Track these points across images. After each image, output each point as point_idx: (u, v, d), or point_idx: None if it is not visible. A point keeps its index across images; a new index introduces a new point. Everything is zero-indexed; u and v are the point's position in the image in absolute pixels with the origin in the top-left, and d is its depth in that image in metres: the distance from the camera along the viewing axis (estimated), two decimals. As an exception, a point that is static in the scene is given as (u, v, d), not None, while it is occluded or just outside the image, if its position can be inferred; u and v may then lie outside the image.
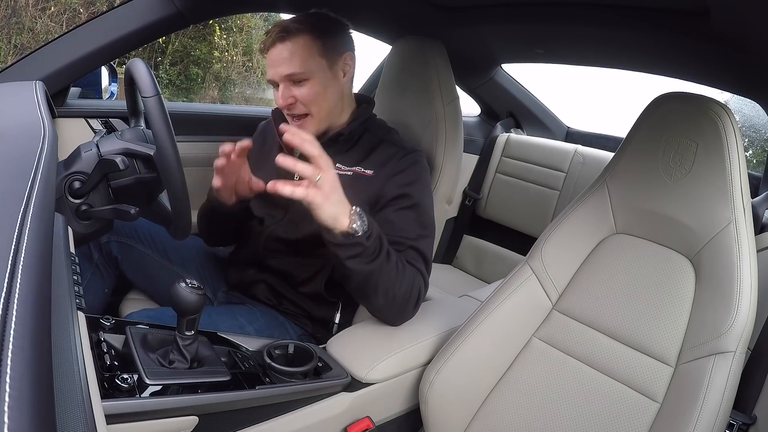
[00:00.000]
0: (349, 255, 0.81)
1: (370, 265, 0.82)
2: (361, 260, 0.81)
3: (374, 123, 1.11)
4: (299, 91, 0.98)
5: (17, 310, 0.29)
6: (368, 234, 0.80)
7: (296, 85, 0.98)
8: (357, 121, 1.06)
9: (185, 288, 0.67)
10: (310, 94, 0.98)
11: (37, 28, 5.27)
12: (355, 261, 0.81)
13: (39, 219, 0.42)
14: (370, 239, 0.81)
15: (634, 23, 1.03)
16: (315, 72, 0.97)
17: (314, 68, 0.97)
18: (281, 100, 0.99)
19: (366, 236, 0.80)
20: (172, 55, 6.62)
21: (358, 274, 0.83)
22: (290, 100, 0.98)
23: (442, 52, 1.31)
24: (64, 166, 0.89)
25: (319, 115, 1.01)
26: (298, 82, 0.98)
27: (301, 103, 0.99)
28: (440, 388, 0.90)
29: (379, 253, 0.83)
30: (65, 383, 0.39)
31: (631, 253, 0.91)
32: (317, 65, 0.98)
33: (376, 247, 0.83)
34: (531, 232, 1.79)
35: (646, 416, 0.80)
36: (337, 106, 1.04)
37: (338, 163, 1.03)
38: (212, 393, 0.70)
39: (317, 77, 0.98)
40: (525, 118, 2.01)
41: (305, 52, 0.96)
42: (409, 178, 0.99)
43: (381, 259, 0.83)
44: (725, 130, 0.82)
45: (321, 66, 0.98)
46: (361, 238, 0.79)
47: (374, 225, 0.83)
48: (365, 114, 1.09)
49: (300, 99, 0.98)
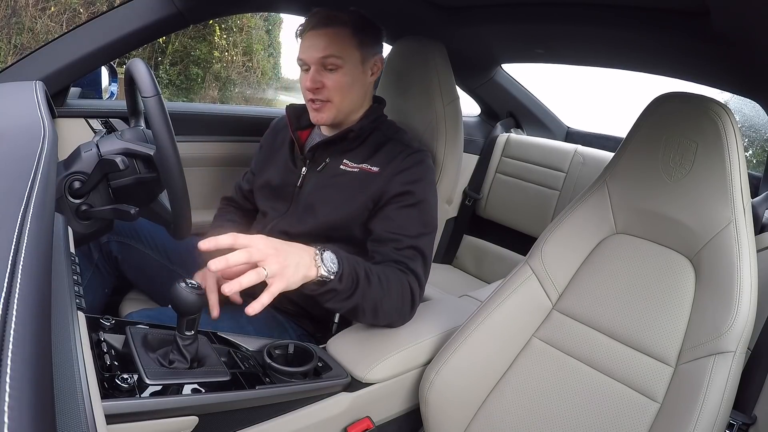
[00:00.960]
0: (326, 299, 0.80)
1: (349, 301, 0.82)
2: (338, 299, 0.81)
3: (384, 122, 1.13)
4: (329, 77, 1.00)
5: (17, 310, 0.29)
6: (339, 275, 0.77)
7: (327, 71, 1.00)
8: (368, 119, 1.08)
9: (185, 288, 0.67)
10: (338, 83, 1.00)
11: (37, 28, 5.27)
12: (333, 302, 0.81)
13: (39, 219, 0.42)
14: (342, 280, 0.78)
15: (634, 23, 1.03)
16: (348, 62, 1.00)
17: (348, 58, 1.00)
18: (309, 82, 1.00)
19: (338, 278, 0.77)
20: (172, 55, 6.63)
21: (342, 309, 0.84)
22: (318, 84, 1.00)
23: (442, 52, 1.31)
24: (64, 166, 0.89)
25: (340, 105, 1.03)
26: (330, 69, 1.00)
27: (327, 89, 1.00)
28: (440, 388, 0.90)
29: (355, 287, 0.81)
30: (65, 383, 0.39)
31: (631, 253, 0.91)
32: (351, 56, 1.00)
33: (351, 283, 0.80)
34: (531, 232, 1.79)
35: (646, 416, 0.80)
36: (357, 101, 1.06)
37: (346, 159, 1.05)
38: (212, 393, 0.70)
39: (348, 68, 1.00)
40: (525, 118, 2.01)
41: (345, 41, 0.99)
42: (412, 177, 1.00)
43: (360, 291, 0.82)
44: (725, 130, 0.82)
45: (355, 58, 1.01)
46: (333, 283, 0.77)
47: (344, 261, 0.80)
48: (376, 112, 1.11)
49: (327, 85, 1.00)
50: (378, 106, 1.12)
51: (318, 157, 1.07)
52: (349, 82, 1.01)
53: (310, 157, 1.08)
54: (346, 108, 1.04)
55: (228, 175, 1.57)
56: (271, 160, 1.16)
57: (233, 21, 6.92)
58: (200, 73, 6.81)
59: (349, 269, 0.80)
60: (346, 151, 1.06)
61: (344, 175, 1.04)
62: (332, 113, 1.03)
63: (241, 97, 7.36)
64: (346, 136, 1.05)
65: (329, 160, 1.06)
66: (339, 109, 1.03)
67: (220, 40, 6.94)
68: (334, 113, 1.03)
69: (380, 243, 0.95)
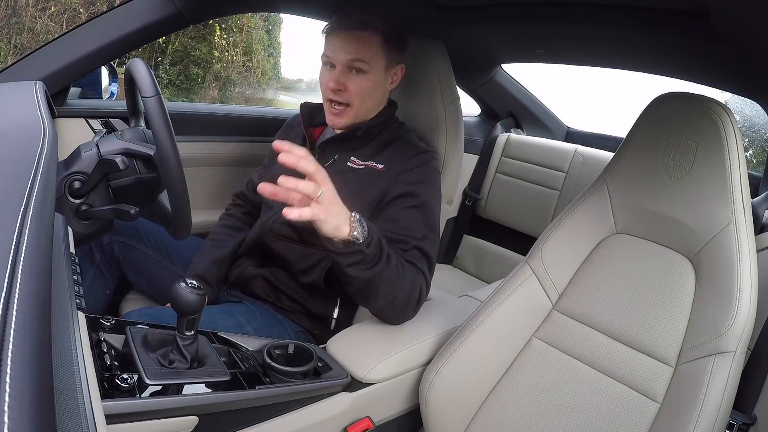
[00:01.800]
0: (350, 262, 0.81)
1: (370, 271, 0.83)
2: (361, 267, 0.81)
3: (394, 122, 1.14)
4: (353, 80, 1.01)
5: (17, 310, 0.29)
6: (368, 241, 0.80)
7: (352, 74, 1.01)
8: (378, 119, 1.09)
9: (185, 288, 0.67)
10: (362, 87, 1.01)
11: (37, 28, 5.28)
12: (355, 268, 0.82)
13: (39, 219, 0.42)
14: (371, 246, 0.80)
15: (634, 23, 1.03)
16: (374, 68, 1.01)
17: (375, 64, 1.01)
18: (332, 83, 1.00)
19: (366, 243, 0.79)
20: (172, 55, 6.63)
21: (359, 279, 0.84)
22: (341, 86, 1.01)
23: (442, 52, 1.31)
24: (64, 166, 0.89)
25: (359, 109, 1.04)
26: (356, 72, 1.00)
27: (349, 92, 1.01)
28: (440, 388, 0.90)
29: (379, 258, 0.83)
30: (65, 383, 0.39)
31: (631, 253, 0.91)
32: (378, 63, 1.02)
33: (377, 252, 0.82)
34: (531, 232, 1.79)
35: (646, 416, 0.80)
36: (375, 107, 1.08)
37: (354, 156, 1.06)
38: (212, 393, 0.70)
39: (373, 74, 1.01)
40: (525, 118, 2.01)
41: (375, 47, 1.00)
42: (416, 177, 1.00)
43: (381, 264, 0.83)
44: (725, 130, 0.82)
45: (381, 65, 1.02)
46: (361, 245, 0.79)
47: (374, 231, 0.82)
48: (388, 114, 1.12)
49: (350, 88, 1.01)
50: (390, 108, 1.14)
51: (327, 153, 1.08)
52: (371, 87, 1.02)
53: (320, 153, 1.09)
54: (364, 112, 1.06)
55: (228, 175, 1.57)
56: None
57: (233, 21, 6.93)
58: (200, 73, 6.81)
59: (377, 240, 0.82)
60: (354, 148, 1.07)
61: (351, 171, 1.04)
62: (351, 118, 1.04)
63: (241, 97, 7.36)
64: (354, 134, 1.06)
65: (338, 156, 1.07)
66: (357, 113, 1.04)
67: (220, 40, 6.94)
68: (352, 118, 1.05)
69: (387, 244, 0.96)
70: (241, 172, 1.55)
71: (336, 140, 1.08)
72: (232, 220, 1.24)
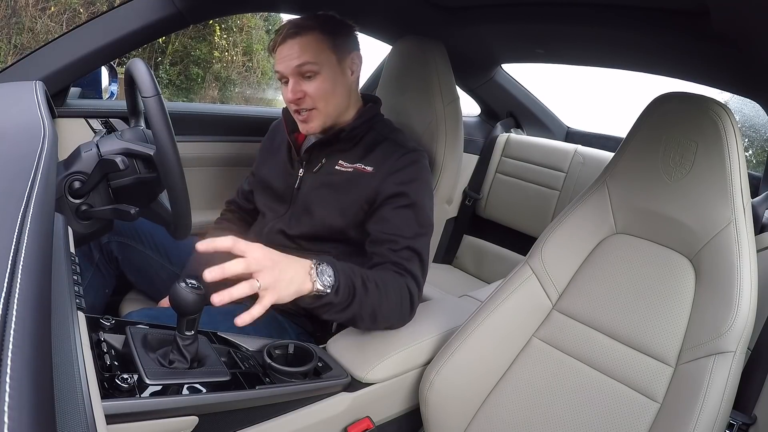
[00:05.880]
0: (324, 312, 0.79)
1: (346, 312, 0.81)
2: (336, 310, 0.80)
3: (380, 122, 1.12)
4: (309, 85, 0.99)
5: (17, 310, 0.29)
6: (336, 288, 0.76)
7: (306, 80, 0.99)
8: (361, 119, 1.07)
9: (185, 288, 0.67)
10: (319, 89, 0.99)
11: (37, 28, 5.28)
12: (331, 314, 0.81)
13: (39, 219, 0.42)
14: (339, 292, 0.77)
15: (634, 23, 1.03)
16: (325, 66, 0.99)
17: (324, 62, 0.99)
18: (290, 94, 0.99)
19: (334, 291, 0.76)
20: (172, 55, 6.63)
21: (340, 318, 0.84)
22: (299, 94, 0.99)
23: (442, 52, 1.31)
24: (64, 166, 0.89)
25: (326, 110, 1.02)
26: (308, 77, 0.99)
27: (309, 97, 1.00)
28: (440, 388, 0.90)
29: (352, 298, 0.80)
30: (65, 383, 0.39)
31: (631, 253, 0.91)
32: (327, 60, 0.99)
33: (348, 294, 0.79)
34: (531, 232, 1.79)
35: (646, 416, 0.80)
36: (343, 103, 1.05)
37: (341, 159, 1.04)
38: (212, 393, 0.70)
39: (326, 72, 0.99)
40: (525, 118, 2.01)
41: (316, 47, 0.98)
42: (406, 177, 0.99)
43: (357, 300, 0.81)
44: (725, 130, 0.82)
45: (331, 61, 1.00)
46: (329, 296, 0.76)
47: (340, 273, 0.78)
48: (371, 112, 1.10)
49: (309, 93, 0.99)
50: (373, 106, 1.11)
51: (314, 158, 1.07)
52: (330, 86, 1.00)
53: (306, 159, 1.08)
54: (332, 112, 1.03)
55: (228, 175, 1.57)
56: (270, 162, 1.16)
57: (233, 21, 6.93)
58: (200, 73, 6.81)
59: (345, 281, 0.79)
60: (341, 151, 1.05)
61: (339, 175, 1.03)
62: (320, 120, 1.02)
63: (241, 97, 7.36)
64: (338, 136, 1.05)
65: (325, 161, 1.06)
66: (326, 114, 1.02)
67: (220, 40, 6.94)
68: (322, 120, 1.02)
69: (377, 244, 0.95)
70: (241, 172, 1.55)
71: (321, 144, 1.06)
72: (227, 224, 1.24)
